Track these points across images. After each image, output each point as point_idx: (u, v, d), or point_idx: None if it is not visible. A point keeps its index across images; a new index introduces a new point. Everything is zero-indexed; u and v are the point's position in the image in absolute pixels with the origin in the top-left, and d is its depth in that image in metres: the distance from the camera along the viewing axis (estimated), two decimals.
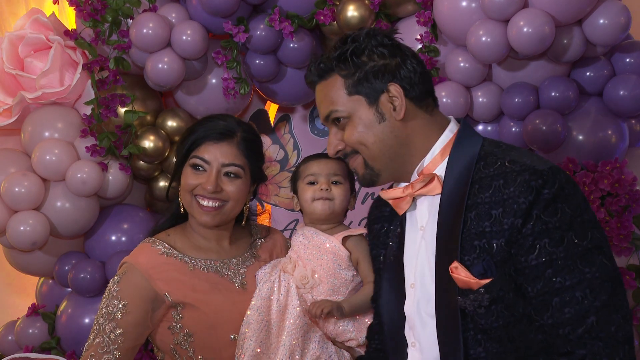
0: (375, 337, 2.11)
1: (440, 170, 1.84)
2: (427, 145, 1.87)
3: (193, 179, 2.22)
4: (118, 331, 2.14)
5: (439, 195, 1.83)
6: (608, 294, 1.66)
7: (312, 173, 2.27)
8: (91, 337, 2.18)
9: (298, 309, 2.17)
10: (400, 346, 1.92)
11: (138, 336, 2.18)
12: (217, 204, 2.22)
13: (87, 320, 3.32)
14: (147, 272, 2.18)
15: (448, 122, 1.91)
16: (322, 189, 2.23)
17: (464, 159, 1.81)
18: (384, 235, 2.03)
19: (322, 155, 2.27)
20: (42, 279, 3.56)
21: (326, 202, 2.24)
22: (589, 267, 1.66)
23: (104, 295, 2.22)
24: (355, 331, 2.21)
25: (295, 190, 2.34)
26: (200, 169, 2.22)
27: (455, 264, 1.73)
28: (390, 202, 1.93)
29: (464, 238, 1.74)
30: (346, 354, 2.21)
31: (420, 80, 1.87)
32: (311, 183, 2.27)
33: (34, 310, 3.45)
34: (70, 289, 3.39)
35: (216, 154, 2.22)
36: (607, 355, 1.64)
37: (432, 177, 1.83)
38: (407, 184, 1.89)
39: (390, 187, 1.98)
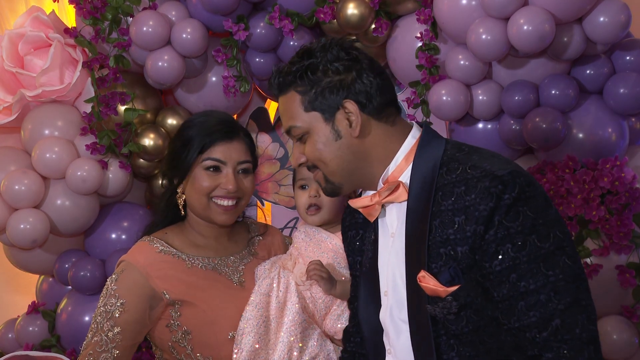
0: (350, 339, 2.10)
1: (406, 176, 1.84)
2: (389, 154, 1.85)
3: (209, 181, 2.20)
4: (116, 330, 2.14)
5: (406, 202, 1.83)
6: (572, 295, 1.67)
7: (302, 177, 2.27)
8: (89, 335, 2.18)
9: (297, 305, 2.17)
10: (380, 352, 1.93)
11: (136, 334, 2.18)
12: (234, 202, 2.23)
13: (87, 318, 3.32)
14: (145, 270, 2.18)
15: (411, 127, 1.89)
16: (310, 196, 2.24)
17: (427, 165, 1.81)
18: (360, 241, 2.03)
19: None
20: (42, 276, 3.56)
21: (316, 213, 2.26)
22: (552, 269, 1.67)
23: (102, 294, 2.21)
24: None
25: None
26: (214, 169, 2.22)
27: (422, 273, 1.74)
28: (361, 211, 1.93)
29: (430, 246, 1.75)
30: None
31: (378, 92, 1.83)
32: (303, 187, 2.28)
33: (34, 308, 3.46)
34: (70, 286, 3.39)
35: (230, 153, 2.21)
36: (572, 358, 1.66)
37: (397, 185, 1.83)
38: (374, 192, 1.89)
39: (359, 195, 1.98)
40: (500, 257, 1.69)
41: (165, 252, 2.22)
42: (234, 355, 2.15)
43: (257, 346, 2.14)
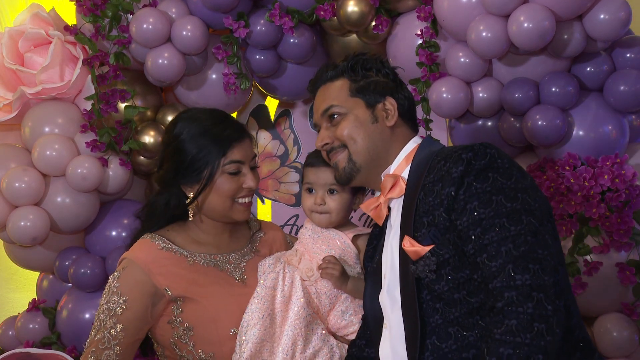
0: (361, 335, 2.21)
1: (405, 173, 2.05)
2: (397, 153, 2.09)
3: (234, 183, 2.24)
4: (119, 327, 2.15)
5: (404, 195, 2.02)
6: (528, 246, 1.76)
7: (309, 181, 2.29)
8: (92, 333, 2.19)
9: (302, 300, 2.18)
10: (378, 334, 2.06)
11: (138, 331, 2.18)
12: (252, 197, 2.31)
13: (87, 316, 3.32)
14: (147, 266, 2.18)
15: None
16: (316, 203, 2.26)
17: (424, 161, 2.00)
18: (372, 250, 2.21)
19: (322, 161, 2.26)
20: (42, 274, 3.57)
21: (322, 215, 2.27)
22: (515, 225, 1.78)
23: (105, 291, 2.22)
24: (358, 324, 2.22)
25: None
26: (238, 172, 2.24)
27: (405, 238, 1.91)
28: (370, 214, 2.12)
29: (416, 217, 1.92)
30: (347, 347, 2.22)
31: (409, 107, 2.14)
32: (309, 190, 2.28)
33: (34, 306, 3.46)
34: (70, 284, 3.39)
35: (246, 152, 2.26)
36: (519, 304, 1.73)
37: (396, 179, 2.03)
38: (379, 193, 2.09)
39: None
40: (467, 213, 1.82)
41: (167, 249, 2.23)
42: (238, 348, 2.16)
43: (262, 338, 2.15)
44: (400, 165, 2.07)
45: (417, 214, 1.92)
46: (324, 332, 2.20)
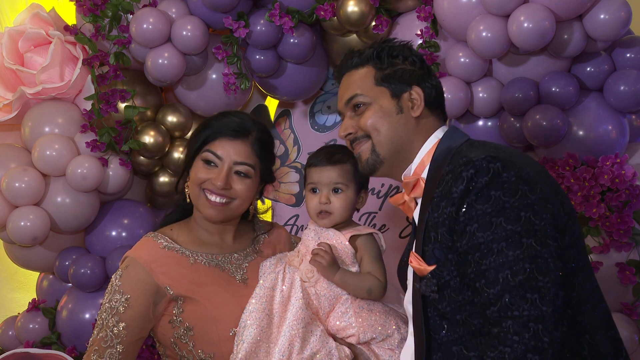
0: None
1: (426, 173, 2.00)
2: (420, 147, 2.04)
3: (204, 173, 2.23)
4: (121, 325, 2.15)
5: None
6: (526, 275, 1.72)
7: (313, 181, 2.28)
8: (95, 331, 2.19)
9: (301, 301, 2.18)
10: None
11: (141, 330, 2.18)
12: (224, 200, 2.24)
13: (87, 316, 3.32)
14: (149, 265, 2.19)
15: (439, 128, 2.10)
16: (321, 202, 2.25)
17: (440, 160, 1.96)
18: (407, 246, 2.18)
19: (325, 160, 2.26)
20: (42, 274, 3.56)
21: (327, 217, 2.26)
22: (513, 250, 1.74)
23: (107, 290, 2.23)
24: (357, 327, 2.21)
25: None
26: (212, 164, 2.23)
27: (412, 254, 1.90)
28: (399, 207, 2.10)
29: (425, 230, 1.89)
30: (347, 350, 2.21)
31: (437, 95, 2.09)
32: (313, 190, 2.28)
33: (34, 306, 3.46)
34: (70, 284, 3.39)
35: (229, 151, 2.23)
36: (516, 334, 1.71)
37: (416, 181, 2.00)
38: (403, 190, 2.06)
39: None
40: (467, 236, 1.79)
41: (169, 248, 2.23)
42: (235, 347, 2.16)
43: (258, 339, 2.15)
44: (422, 163, 2.02)
45: (426, 227, 1.89)
46: (323, 333, 2.19)
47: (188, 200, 2.31)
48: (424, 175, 1.98)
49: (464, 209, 1.79)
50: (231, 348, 2.17)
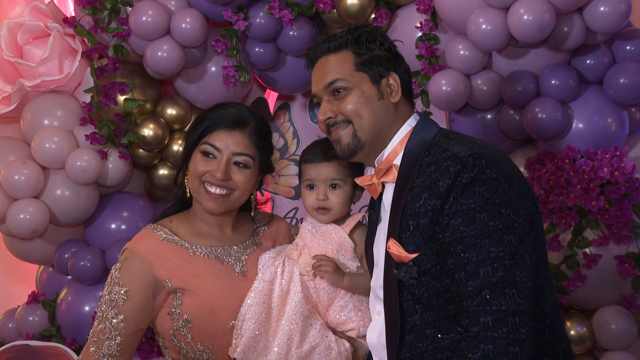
0: None
1: (398, 159, 2.03)
2: (394, 133, 2.07)
3: (203, 165, 2.23)
4: (120, 317, 2.15)
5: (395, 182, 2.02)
6: (506, 271, 1.79)
7: (309, 177, 2.27)
8: (95, 323, 2.20)
9: (300, 294, 2.18)
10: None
11: (140, 322, 2.18)
12: (224, 191, 2.23)
13: (87, 308, 3.32)
14: (148, 257, 2.19)
15: (411, 116, 2.11)
16: (319, 199, 2.24)
17: (416, 150, 1.99)
18: (370, 220, 2.22)
19: (321, 156, 2.26)
20: (42, 266, 3.57)
21: (325, 212, 2.26)
22: (495, 246, 1.80)
23: (107, 282, 2.23)
24: (357, 321, 2.21)
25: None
26: (211, 156, 2.22)
27: (390, 241, 1.93)
28: (365, 187, 2.14)
29: (402, 218, 1.93)
30: (346, 343, 2.21)
31: (408, 82, 2.13)
32: (310, 187, 2.27)
33: (34, 298, 3.46)
34: (70, 276, 3.39)
35: (228, 142, 2.22)
36: (494, 329, 1.78)
37: (389, 167, 2.03)
38: (374, 171, 2.09)
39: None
40: (450, 229, 1.84)
41: (168, 240, 2.23)
42: (234, 341, 2.16)
43: (257, 332, 2.15)
44: (395, 150, 2.05)
45: (404, 215, 1.92)
46: (322, 327, 2.19)
47: (188, 194, 2.30)
48: (397, 162, 2.02)
49: (449, 203, 1.83)
50: (230, 340, 2.17)
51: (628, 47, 3.04)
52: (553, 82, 3.00)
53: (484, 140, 2.04)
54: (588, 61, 3.05)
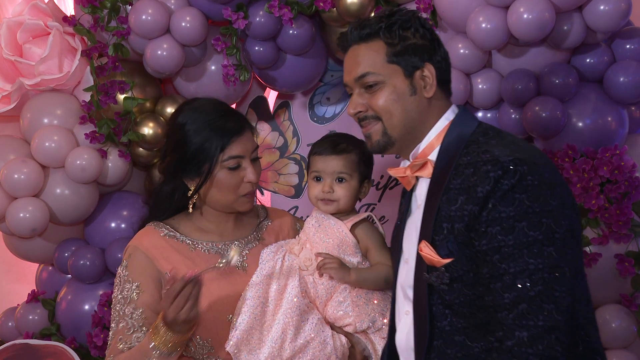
0: None
1: (434, 154, 1.95)
2: (431, 127, 1.97)
3: (234, 178, 2.24)
4: (139, 310, 2.18)
5: (430, 179, 1.94)
6: (545, 285, 1.71)
7: (316, 170, 2.28)
8: (113, 325, 2.21)
9: (297, 289, 2.19)
10: (396, 314, 2.05)
11: (157, 312, 2.19)
12: (255, 188, 2.30)
13: (87, 307, 3.32)
14: (150, 251, 2.22)
15: (449, 108, 2.01)
16: (324, 191, 2.25)
17: (453, 146, 1.91)
18: (400, 210, 2.14)
19: (330, 149, 2.27)
20: (41, 265, 3.57)
21: (330, 203, 2.26)
22: (534, 258, 1.72)
23: (115, 283, 2.26)
24: (354, 316, 2.21)
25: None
26: (238, 166, 2.23)
27: (423, 243, 1.86)
28: (398, 178, 2.04)
29: (437, 219, 1.85)
30: (343, 339, 2.22)
31: (446, 69, 2.00)
32: (317, 179, 2.28)
33: (33, 297, 3.46)
34: (70, 275, 3.39)
35: (246, 146, 2.25)
36: (529, 344, 1.71)
37: (425, 162, 1.94)
38: (408, 163, 2.00)
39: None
40: (487, 237, 1.76)
41: (169, 236, 2.26)
42: (230, 334, 2.17)
43: (251, 326, 2.16)
44: (431, 144, 1.96)
45: (438, 216, 1.85)
46: (319, 322, 2.19)
47: (190, 210, 2.30)
48: (432, 157, 1.94)
49: (487, 210, 1.76)
50: (223, 334, 2.18)
51: (628, 46, 3.04)
52: (553, 80, 3.00)
53: (524, 140, 1.92)
54: (588, 60, 3.05)
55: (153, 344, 2.08)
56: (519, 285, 1.72)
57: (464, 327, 1.84)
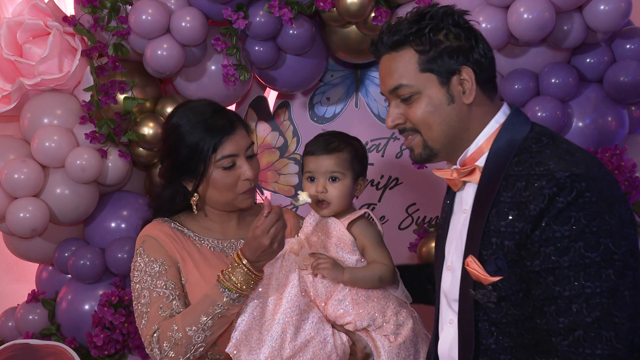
0: None
1: (482, 161, 1.85)
2: (479, 131, 1.86)
3: (230, 177, 2.25)
4: (170, 283, 2.20)
5: (477, 186, 1.85)
6: (604, 311, 1.63)
7: (309, 170, 2.29)
8: (142, 301, 2.19)
9: (297, 288, 2.19)
10: (440, 321, 1.98)
11: (183, 286, 2.23)
12: (253, 184, 2.31)
13: (87, 307, 3.32)
14: (162, 238, 2.25)
15: (500, 108, 1.90)
16: (318, 191, 2.25)
17: (502, 154, 1.79)
18: (443, 210, 2.05)
19: (322, 148, 2.27)
20: (41, 265, 3.57)
21: (326, 206, 2.27)
22: (592, 281, 1.63)
23: (136, 269, 2.25)
24: (354, 314, 2.21)
25: None
26: (233, 165, 2.23)
27: (470, 258, 1.76)
28: (445, 179, 1.95)
29: (485, 233, 1.75)
30: (344, 337, 2.22)
31: (488, 65, 1.87)
32: (310, 179, 2.28)
33: (33, 297, 3.46)
34: (70, 275, 3.39)
35: (239, 143, 2.26)
36: None
37: (473, 169, 1.84)
38: (456, 166, 1.91)
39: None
40: (541, 257, 1.66)
41: (177, 230, 2.30)
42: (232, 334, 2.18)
43: (250, 326, 2.16)
44: (480, 149, 1.85)
45: (486, 229, 1.75)
46: (319, 320, 2.20)
47: (195, 211, 2.32)
48: (481, 163, 1.84)
49: (540, 229, 1.66)
50: (229, 331, 2.19)
51: (628, 46, 3.04)
52: (553, 80, 3.00)
53: (580, 148, 1.82)
54: (588, 60, 3.06)
55: (223, 288, 2.08)
56: (575, 310, 1.63)
57: (510, 347, 1.76)
